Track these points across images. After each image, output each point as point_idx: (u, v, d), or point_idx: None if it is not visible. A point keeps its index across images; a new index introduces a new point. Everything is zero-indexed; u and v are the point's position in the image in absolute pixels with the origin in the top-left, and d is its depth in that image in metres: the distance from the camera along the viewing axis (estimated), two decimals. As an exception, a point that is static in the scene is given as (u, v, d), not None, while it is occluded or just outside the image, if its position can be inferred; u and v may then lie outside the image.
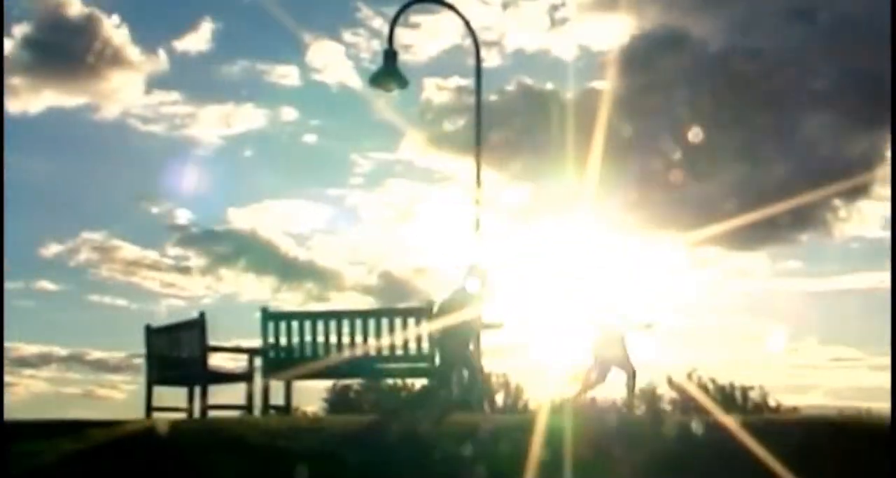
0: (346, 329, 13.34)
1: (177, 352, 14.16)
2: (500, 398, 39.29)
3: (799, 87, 30.68)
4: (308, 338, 13.44)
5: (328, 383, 35.19)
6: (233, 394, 14.03)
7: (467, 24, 15.57)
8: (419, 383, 16.13)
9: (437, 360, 12.31)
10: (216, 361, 14.14)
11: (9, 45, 32.01)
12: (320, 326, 13.42)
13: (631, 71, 31.03)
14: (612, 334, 11.96)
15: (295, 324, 13.53)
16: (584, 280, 12.76)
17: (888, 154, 32.27)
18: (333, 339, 13.38)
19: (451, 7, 15.66)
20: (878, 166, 31.39)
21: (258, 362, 13.79)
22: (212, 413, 13.62)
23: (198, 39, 42.02)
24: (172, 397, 14.30)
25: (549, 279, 13.45)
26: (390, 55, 14.91)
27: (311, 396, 35.95)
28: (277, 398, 13.87)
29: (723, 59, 31.16)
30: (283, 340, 13.52)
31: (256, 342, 13.70)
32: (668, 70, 30.65)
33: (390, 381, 33.72)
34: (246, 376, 14.00)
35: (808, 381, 43.23)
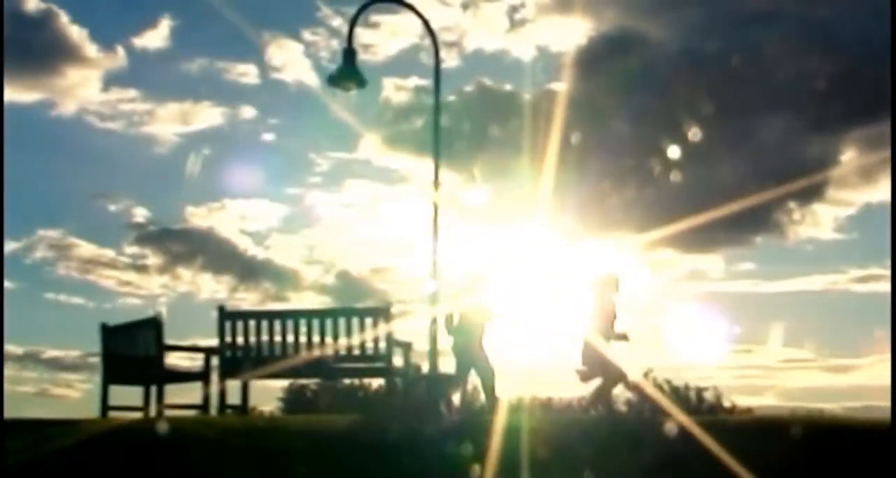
0: (303, 329, 13.33)
1: (133, 351, 14.09)
2: (456, 399, 39.26)
3: (755, 90, 30.93)
4: (265, 337, 13.43)
5: (285, 382, 35.14)
6: (189, 393, 13.99)
7: (426, 24, 15.58)
8: (376, 382, 16.18)
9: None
10: (172, 360, 14.08)
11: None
12: (277, 325, 13.41)
13: (589, 72, 31.16)
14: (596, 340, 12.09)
15: (252, 323, 13.51)
16: (543, 282, 12.85)
17: (842, 157, 32.67)
18: (290, 338, 13.37)
19: (410, 7, 15.66)
20: (832, 169, 31.77)
21: (215, 361, 13.75)
22: (168, 412, 13.56)
23: (156, 36, 41.59)
24: (128, 396, 14.25)
25: (506, 281, 13.48)
26: (349, 54, 14.88)
27: (268, 395, 35.87)
28: (234, 398, 13.85)
29: (680, 62, 31.38)
30: (239, 340, 13.50)
31: (213, 341, 13.67)
32: (625, 72, 30.81)
33: (347, 381, 33.69)
34: (202, 376, 13.95)
35: (761, 382, 43.52)
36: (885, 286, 34.83)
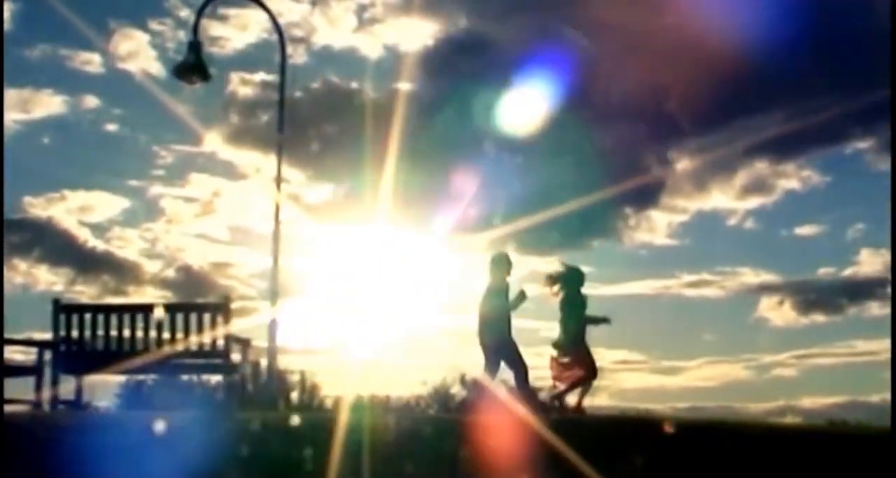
0: (140, 323, 13.19)
1: (-37, 344, 13.74)
2: (295, 396, 39.19)
3: (594, 97, 31.58)
4: (101, 331, 13.24)
5: (121, 378, 34.57)
6: (22, 389, 13.68)
7: (273, 19, 15.56)
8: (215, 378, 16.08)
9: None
10: (6, 354, 13.77)
11: None
12: (114, 319, 13.23)
13: (434, 73, 31.44)
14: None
15: (88, 317, 13.30)
16: (386, 281, 12.95)
17: (678, 166, 33.62)
18: (127, 333, 13.22)
19: (257, 2, 15.62)
20: (667, 176, 32.73)
21: (49, 355, 13.50)
22: (-2, 408, 13.26)
23: (-5, 21, 40.48)
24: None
25: (347, 279, 13.56)
26: (195, 47, 14.79)
27: (104, 391, 35.22)
28: (68, 393, 13.60)
29: (522, 66, 31.84)
30: (75, 334, 13.28)
31: (49, 335, 13.40)
32: (470, 74, 31.16)
33: (186, 377, 33.30)
34: (36, 370, 13.66)
35: (595, 383, 44.44)
36: (714, 291, 36.05)
